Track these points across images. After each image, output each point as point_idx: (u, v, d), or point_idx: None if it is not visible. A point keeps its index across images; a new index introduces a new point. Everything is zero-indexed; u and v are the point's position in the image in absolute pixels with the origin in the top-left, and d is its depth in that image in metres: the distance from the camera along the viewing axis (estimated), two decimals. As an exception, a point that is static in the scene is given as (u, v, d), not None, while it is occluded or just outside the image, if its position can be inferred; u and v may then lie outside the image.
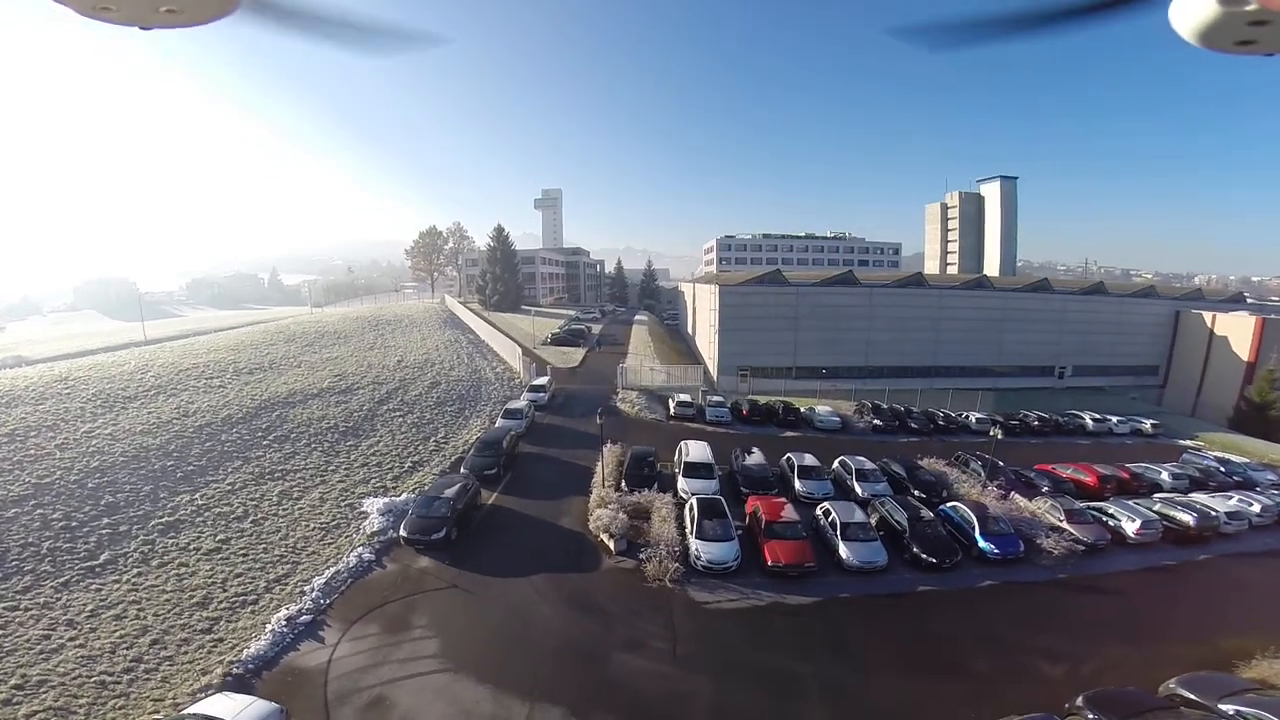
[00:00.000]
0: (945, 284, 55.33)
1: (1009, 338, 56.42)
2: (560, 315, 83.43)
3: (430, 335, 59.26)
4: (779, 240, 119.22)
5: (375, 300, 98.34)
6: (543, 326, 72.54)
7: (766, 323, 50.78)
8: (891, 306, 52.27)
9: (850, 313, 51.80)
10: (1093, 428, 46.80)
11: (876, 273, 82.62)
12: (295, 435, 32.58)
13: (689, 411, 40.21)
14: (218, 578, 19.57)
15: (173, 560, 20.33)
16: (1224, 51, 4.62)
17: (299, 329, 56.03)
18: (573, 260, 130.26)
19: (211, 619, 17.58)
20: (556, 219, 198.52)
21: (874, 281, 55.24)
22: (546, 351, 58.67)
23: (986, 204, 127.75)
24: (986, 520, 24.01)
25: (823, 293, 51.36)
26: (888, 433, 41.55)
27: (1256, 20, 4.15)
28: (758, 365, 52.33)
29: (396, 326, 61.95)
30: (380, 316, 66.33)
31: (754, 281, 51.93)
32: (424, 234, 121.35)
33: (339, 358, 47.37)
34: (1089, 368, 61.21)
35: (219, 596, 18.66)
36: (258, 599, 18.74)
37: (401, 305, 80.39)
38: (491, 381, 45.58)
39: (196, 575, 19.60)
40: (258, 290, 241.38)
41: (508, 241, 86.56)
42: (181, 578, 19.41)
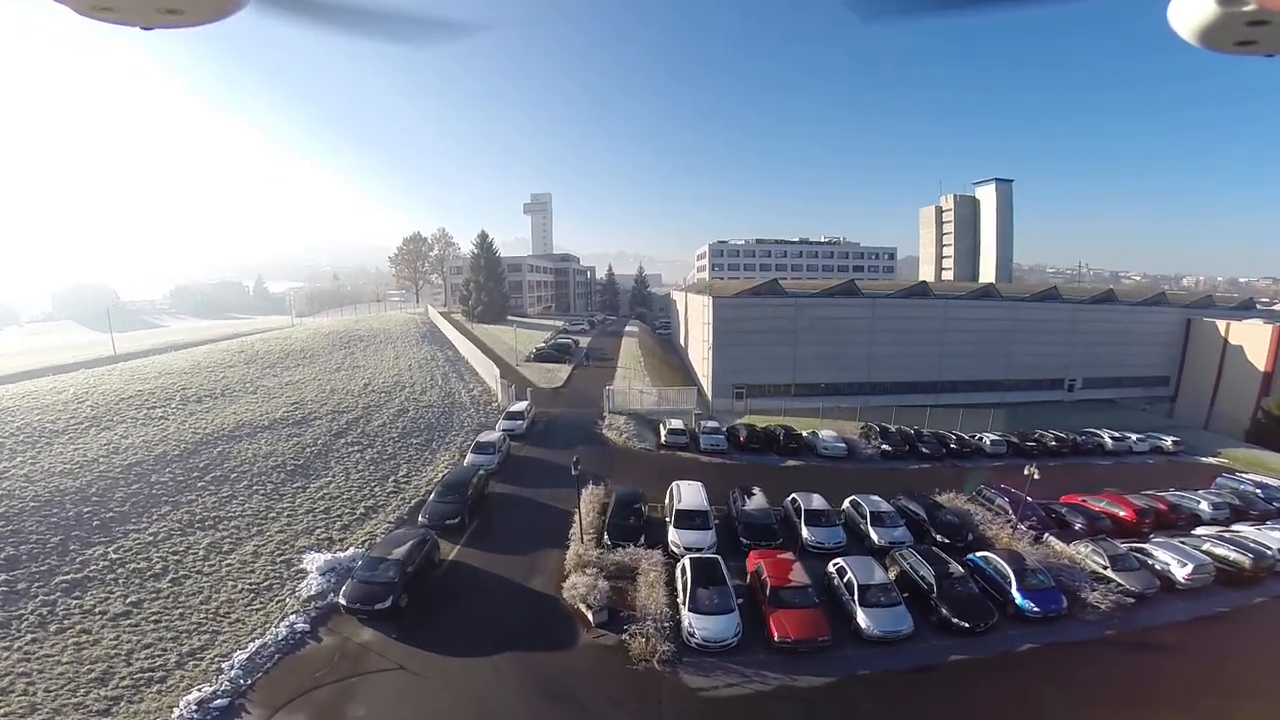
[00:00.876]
0: (950, 293, 52.46)
1: (1018, 350, 53.60)
2: (547, 327, 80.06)
3: (405, 353, 55.69)
4: (772, 246, 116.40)
5: (356, 311, 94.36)
6: (527, 340, 69.08)
7: (763, 337, 47.66)
8: (895, 318, 49.30)
9: (852, 325, 48.75)
10: (1112, 447, 44.15)
11: (874, 281, 79.75)
12: (236, 475, 29.08)
13: (681, 440, 36.87)
14: (123, 648, 16.71)
15: (74, 625, 17.42)
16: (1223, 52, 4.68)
17: (263, 348, 52.32)
18: (561, 267, 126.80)
19: (110, 699, 14.85)
20: (546, 224, 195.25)
21: (876, 290, 52.22)
22: (530, 369, 55.26)
23: (982, 207, 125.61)
24: (1024, 573, 21.02)
25: (823, 304, 48.32)
26: (897, 458, 38.53)
27: (1255, 20, 4.20)
28: (755, 383, 49.21)
29: (370, 343, 58.31)
30: (354, 332, 62.64)
31: (750, 293, 48.80)
32: (408, 240, 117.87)
33: (300, 382, 43.72)
34: (1099, 379, 58.56)
35: (121, 671, 15.80)
36: (166, 676, 15.86)
37: (381, 317, 76.72)
38: (466, 407, 42.06)
39: (99, 644, 16.74)
40: (242, 298, 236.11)
41: (492, 249, 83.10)
42: (81, 647, 16.57)
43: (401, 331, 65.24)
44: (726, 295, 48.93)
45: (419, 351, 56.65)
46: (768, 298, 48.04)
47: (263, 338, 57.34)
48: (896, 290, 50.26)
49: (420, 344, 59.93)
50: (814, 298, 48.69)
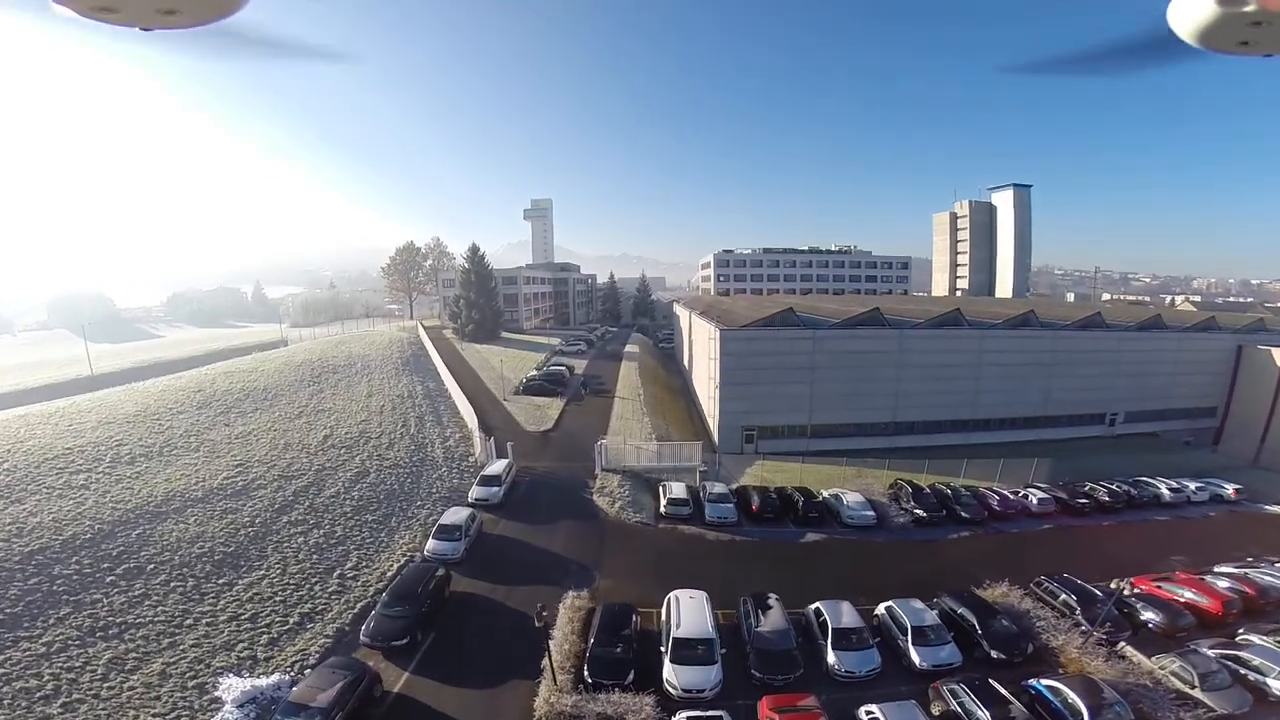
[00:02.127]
0: (985, 320, 47.15)
1: (1058, 383, 48.45)
2: (541, 346, 75.20)
3: (380, 388, 51.00)
4: (780, 255, 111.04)
5: (344, 327, 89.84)
6: (518, 364, 64.34)
7: (777, 374, 42.70)
8: (925, 351, 44.19)
9: (877, 360, 43.68)
10: (1170, 498, 39.13)
11: (898, 301, 74.46)
12: (154, 567, 24.76)
13: (684, 511, 31.92)
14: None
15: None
16: (1223, 52, 4.65)
17: (223, 386, 47.75)
18: (560, 277, 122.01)
19: None
20: (546, 230, 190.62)
21: (902, 315, 46.99)
22: (517, 404, 50.46)
23: (999, 214, 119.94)
24: (1100, 709, 16.99)
25: (844, 337, 43.14)
26: (933, 525, 33.44)
27: (1255, 20, 4.22)
28: (767, 424, 44.30)
29: (344, 375, 53.65)
30: (330, 360, 57.97)
31: (761, 323, 43.69)
32: (400, 250, 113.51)
33: (252, 434, 39.03)
34: (1142, 413, 53.30)
35: None
36: None
37: (366, 337, 72.10)
38: (438, 464, 37.25)
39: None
40: (239, 305, 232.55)
41: (483, 263, 78.32)
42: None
43: (382, 358, 60.57)
44: (734, 326, 43.87)
45: (396, 385, 51.97)
46: (781, 330, 42.93)
47: (227, 372, 52.72)
48: (927, 319, 45.00)
49: (399, 375, 55.24)
50: (834, 329, 43.49)
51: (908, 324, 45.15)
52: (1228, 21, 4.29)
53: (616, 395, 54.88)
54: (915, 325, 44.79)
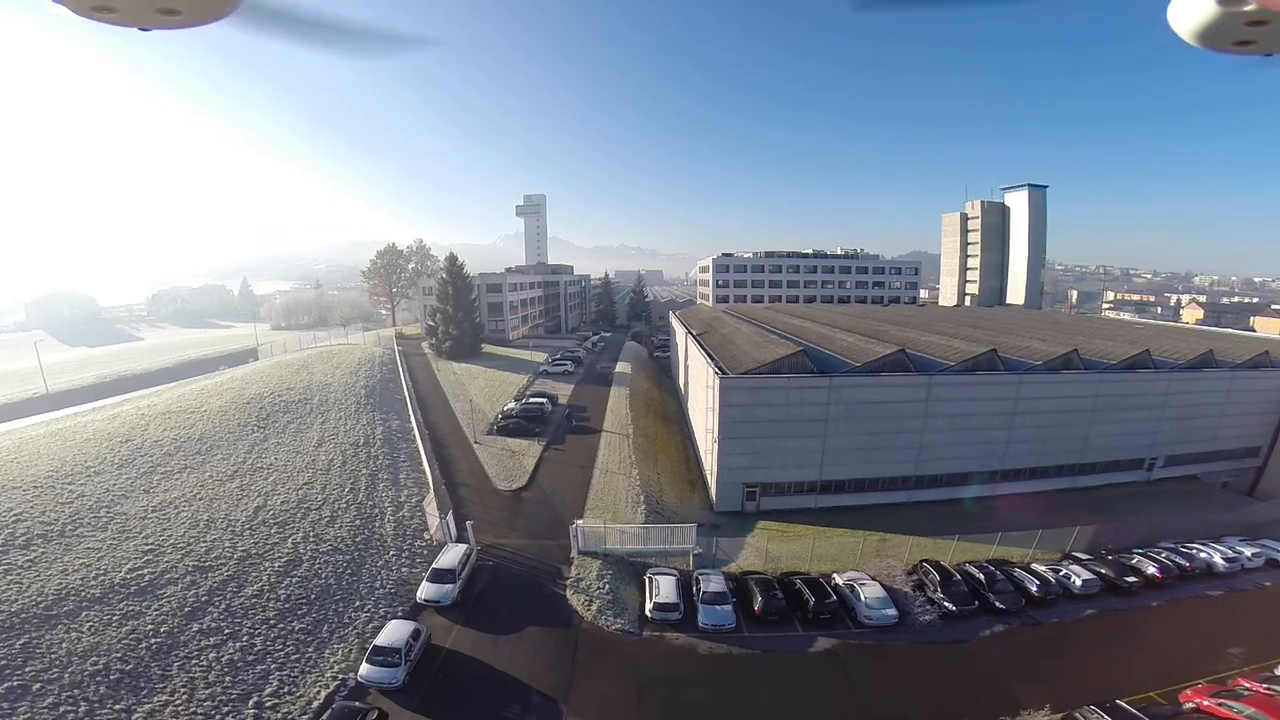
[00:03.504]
0: (1024, 359, 41.45)
1: (1098, 430, 43.06)
2: (525, 365, 69.58)
3: (334, 432, 45.34)
4: (783, 260, 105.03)
5: (315, 340, 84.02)
6: (496, 390, 58.84)
7: (785, 426, 37.22)
8: (955, 399, 38.70)
9: (901, 409, 38.17)
10: (1224, 569, 34.08)
11: (914, 330, 68.92)
12: (40, 686, 20.07)
13: (673, 615, 26.57)
14: None
15: None
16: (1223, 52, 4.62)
17: (155, 435, 42.08)
18: (551, 280, 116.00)
19: None
20: (540, 226, 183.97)
21: (930, 352, 41.32)
22: (489, 450, 45.04)
23: (1012, 216, 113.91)
24: None
25: (865, 384, 37.50)
26: (963, 619, 28.41)
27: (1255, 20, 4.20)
28: (771, 481, 38.96)
29: (296, 415, 47.96)
30: (285, 394, 52.19)
31: (768, 368, 37.89)
32: (381, 253, 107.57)
33: (174, 504, 33.43)
34: (1184, 456, 48.06)
35: None
36: None
37: (335, 357, 66.36)
38: (386, 545, 31.74)
39: None
40: (225, 303, 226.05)
41: (462, 274, 72.33)
42: None
43: (345, 388, 54.85)
44: (737, 372, 38.18)
45: (354, 427, 46.38)
46: (793, 377, 37.14)
47: (166, 412, 46.91)
48: (959, 361, 39.36)
49: (360, 412, 49.62)
50: (853, 376, 37.66)
51: (937, 365, 39.57)
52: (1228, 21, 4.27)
53: (604, 431, 49.45)
54: (946, 369, 39.14)
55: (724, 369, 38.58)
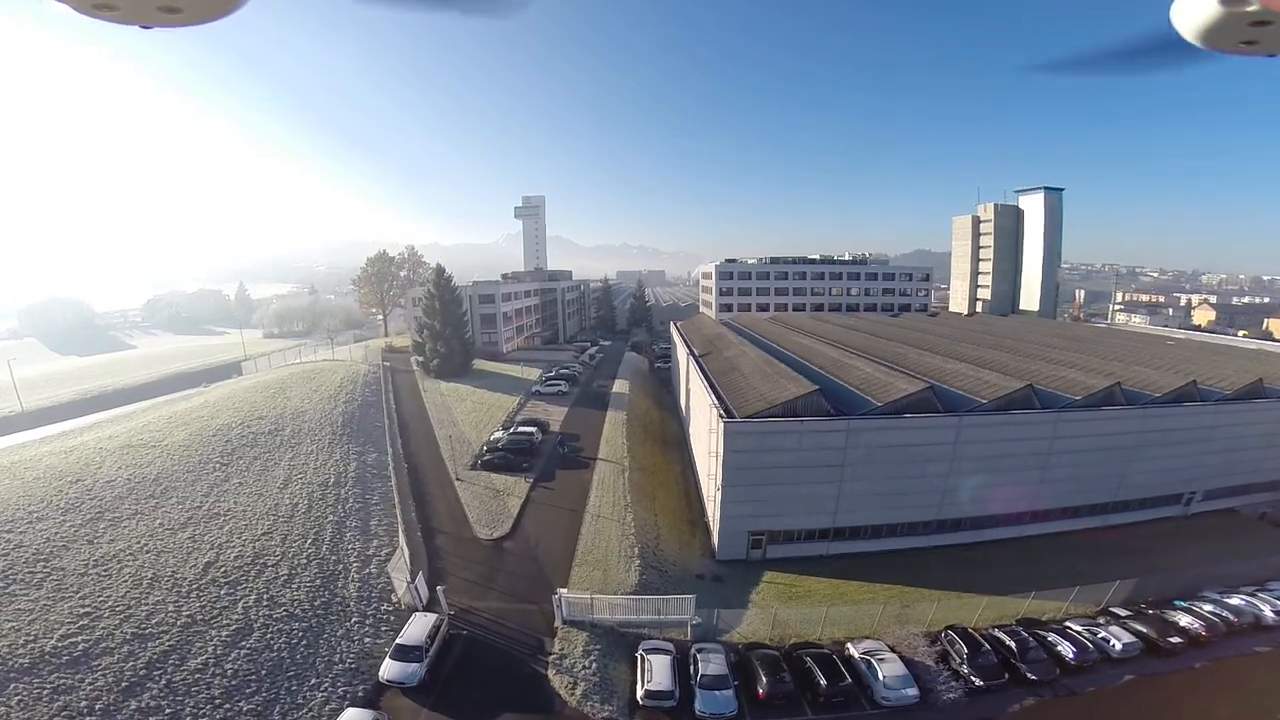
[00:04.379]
0: (1063, 391, 37.54)
1: (1137, 467, 39.28)
2: (518, 383, 66.05)
3: (304, 469, 41.79)
4: (789, 266, 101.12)
5: (302, 354, 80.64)
6: (485, 413, 55.34)
7: (797, 473, 33.53)
8: (986, 441, 34.89)
9: (927, 452, 34.40)
10: (1273, 620, 30.68)
11: (952, 362, 64.90)
12: None
13: (666, 702, 23.15)
14: None
15: None
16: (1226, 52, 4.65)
17: (109, 474, 38.61)
18: (548, 287, 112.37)
19: None
20: (539, 229, 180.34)
21: (962, 388, 37.44)
22: (472, 486, 41.55)
23: (1027, 219, 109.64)
24: None
25: (888, 426, 33.67)
26: (992, 692, 25.28)
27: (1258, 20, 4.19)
28: (779, 529, 35.34)
29: (263, 450, 44.43)
30: (254, 423, 48.64)
31: (780, 410, 33.76)
32: (372, 260, 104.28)
33: (118, 557, 30.14)
34: (1224, 489, 44.26)
35: None
36: None
37: (316, 377, 62.91)
38: (348, 609, 28.28)
39: None
40: (221, 308, 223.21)
41: (450, 287, 68.59)
42: None
43: (321, 415, 51.31)
44: (743, 415, 34.17)
45: (326, 463, 42.87)
46: (807, 421, 33.26)
47: (127, 445, 43.54)
48: (992, 399, 35.57)
49: (335, 444, 46.09)
50: (874, 419, 33.54)
51: (967, 402, 35.77)
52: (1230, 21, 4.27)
53: (597, 463, 45.90)
54: (977, 408, 35.26)
55: (729, 410, 34.74)
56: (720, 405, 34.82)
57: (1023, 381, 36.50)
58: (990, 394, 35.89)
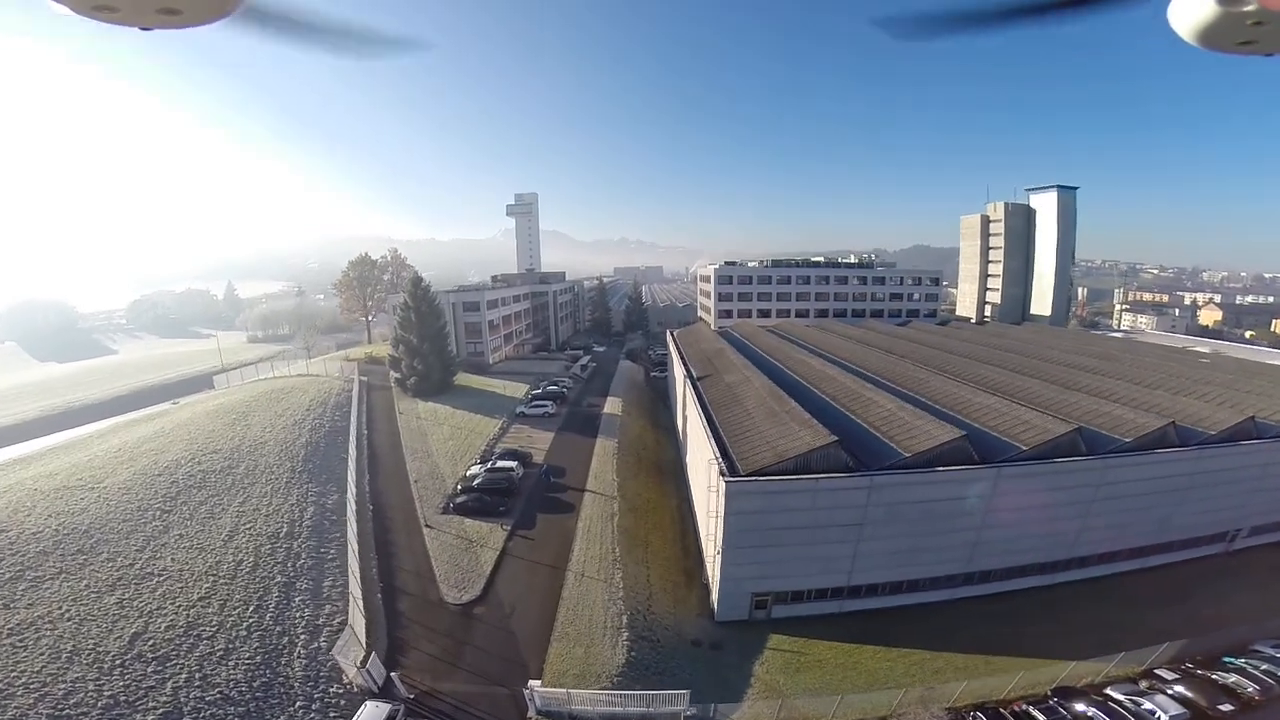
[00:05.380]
0: (1113, 432, 33.11)
1: (1184, 508, 35.08)
2: (502, 402, 61.56)
3: (254, 516, 37.29)
4: (792, 270, 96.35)
5: (275, 367, 75.95)
6: (463, 440, 50.90)
7: (810, 533, 29.15)
8: (1025, 491, 30.55)
9: (958, 507, 30.06)
10: None
11: (983, 395, 60.21)
12: None
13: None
14: None
15: None
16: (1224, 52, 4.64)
17: (35, 525, 34.02)
18: (540, 290, 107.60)
19: None
20: (532, 227, 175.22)
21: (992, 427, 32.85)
22: (442, 533, 37.19)
23: (1039, 219, 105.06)
24: None
25: (916, 483, 29.15)
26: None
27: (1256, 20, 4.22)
28: (786, 589, 31.01)
29: (213, 492, 39.97)
30: (207, 459, 44.16)
31: (791, 466, 28.90)
32: (354, 263, 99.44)
33: (34, 625, 26.27)
34: (1270, 525, 40.21)
35: None
36: None
37: (283, 399, 58.30)
38: (292, 691, 24.14)
39: None
40: (209, 308, 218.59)
41: (427, 297, 63.74)
42: None
43: (282, 446, 46.79)
44: (746, 472, 29.37)
45: (279, 510, 38.36)
46: (823, 479, 28.49)
47: (63, 487, 39.03)
48: (1033, 445, 31.02)
49: (292, 484, 41.60)
50: (901, 474, 29.37)
51: (1005, 448, 31.26)
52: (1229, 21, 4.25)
53: (584, 499, 41.57)
54: (1017, 456, 30.72)
55: (732, 464, 30.11)
56: (721, 458, 30.13)
57: (1069, 425, 32.00)
58: (1032, 438, 31.44)
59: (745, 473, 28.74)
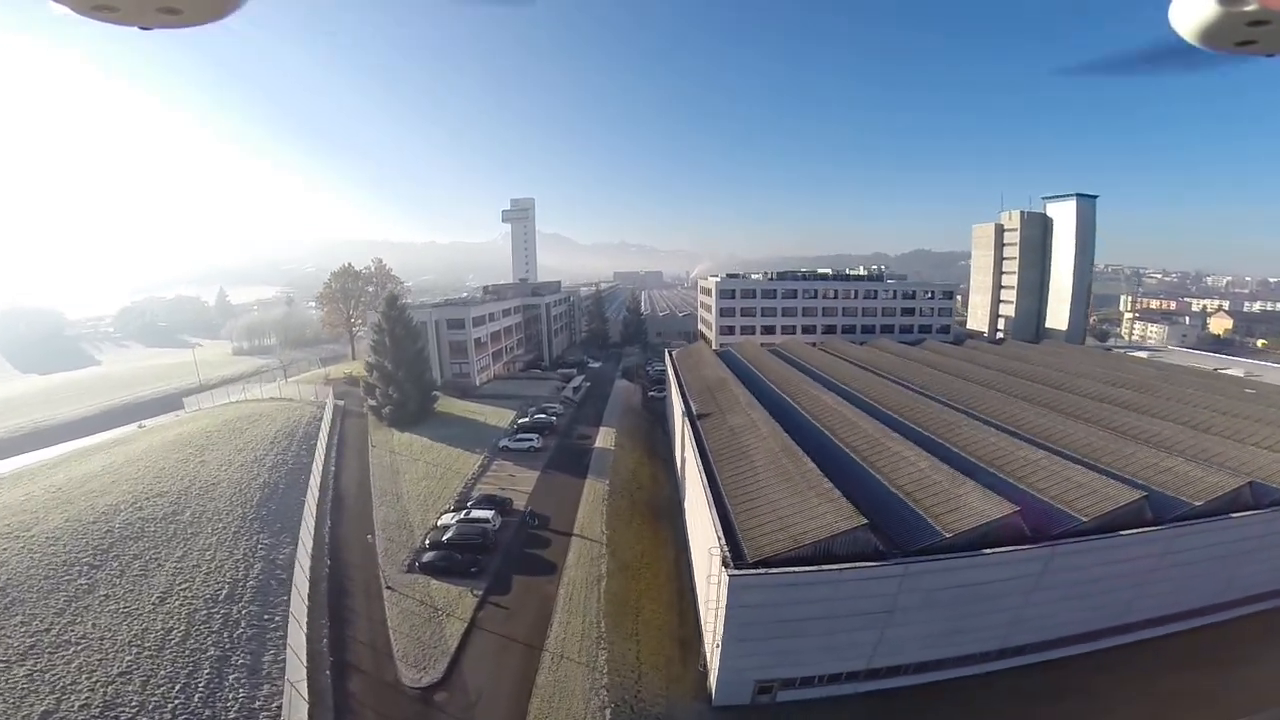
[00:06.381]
0: (1176, 490, 28.34)
1: (1252, 568, 30.44)
2: (485, 433, 56.86)
3: (192, 576, 32.64)
4: (798, 283, 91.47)
5: (246, 390, 71.39)
6: (438, 480, 46.31)
7: (828, 623, 24.43)
8: (1080, 567, 25.86)
9: (1003, 588, 25.38)
10: None
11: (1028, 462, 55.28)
12: None
13: None
14: None
15: None
16: (1224, 52, 4.65)
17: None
18: (532, 303, 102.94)
19: None
20: (528, 234, 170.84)
21: (1049, 494, 27.95)
22: (405, 598, 32.57)
23: (1056, 229, 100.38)
24: None
25: (958, 568, 24.38)
26: None
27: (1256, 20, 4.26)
28: (796, 676, 26.28)
29: (150, 544, 35.37)
30: (144, 510, 39.46)
31: (809, 549, 24.36)
32: (336, 275, 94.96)
33: None
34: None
35: None
36: None
37: (246, 431, 53.67)
38: None
39: None
40: (199, 315, 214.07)
41: (403, 319, 58.89)
42: None
43: (235, 489, 42.18)
44: (757, 554, 24.17)
45: (222, 566, 33.74)
46: (847, 569, 23.43)
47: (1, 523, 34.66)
48: (1094, 516, 26.14)
49: (241, 534, 36.96)
50: (942, 563, 24.30)
51: (1061, 518, 26.46)
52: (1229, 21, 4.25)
53: (568, 555, 36.91)
54: (1074, 529, 25.91)
55: (736, 546, 25.10)
56: (724, 539, 25.04)
57: (1136, 494, 27.21)
58: (1092, 508, 26.70)
59: (753, 560, 23.93)
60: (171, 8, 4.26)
